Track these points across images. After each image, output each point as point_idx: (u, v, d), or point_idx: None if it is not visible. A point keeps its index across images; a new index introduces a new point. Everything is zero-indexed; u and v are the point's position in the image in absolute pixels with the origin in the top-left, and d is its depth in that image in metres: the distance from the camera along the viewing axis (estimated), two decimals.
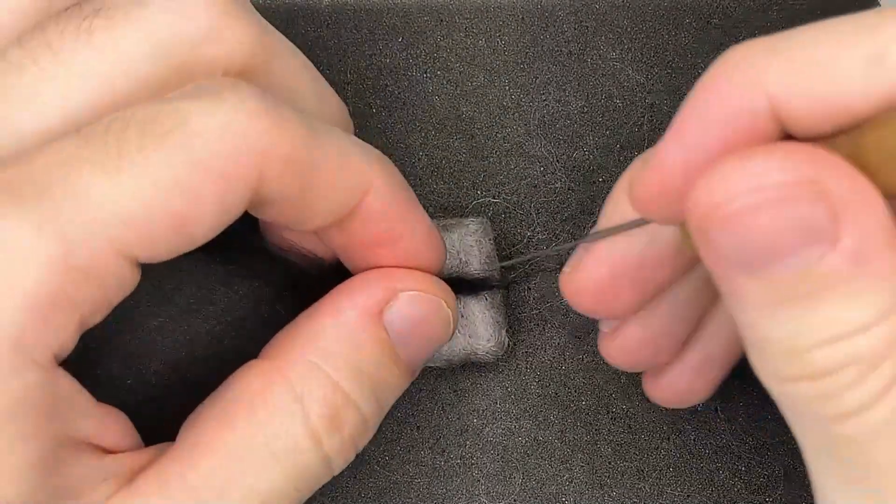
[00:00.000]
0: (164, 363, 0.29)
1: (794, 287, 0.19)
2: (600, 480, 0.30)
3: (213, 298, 0.29)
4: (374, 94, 0.31)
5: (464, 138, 0.31)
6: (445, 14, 0.31)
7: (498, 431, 0.30)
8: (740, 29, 0.31)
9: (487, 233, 0.29)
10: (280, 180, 0.22)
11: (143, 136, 0.20)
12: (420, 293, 0.25)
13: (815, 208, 0.18)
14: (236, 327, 0.29)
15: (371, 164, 0.24)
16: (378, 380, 0.25)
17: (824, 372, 0.19)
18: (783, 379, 0.20)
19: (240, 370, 0.25)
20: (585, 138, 0.31)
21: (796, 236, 0.19)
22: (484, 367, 0.30)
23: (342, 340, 0.25)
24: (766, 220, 0.19)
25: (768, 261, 0.19)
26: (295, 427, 0.24)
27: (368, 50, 0.31)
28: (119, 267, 0.21)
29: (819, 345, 0.19)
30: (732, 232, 0.19)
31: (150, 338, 0.29)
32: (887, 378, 0.19)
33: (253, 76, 0.24)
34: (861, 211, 0.19)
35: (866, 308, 0.19)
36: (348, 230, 0.25)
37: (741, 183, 0.19)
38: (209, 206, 0.21)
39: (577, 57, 0.31)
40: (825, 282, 0.19)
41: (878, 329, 0.19)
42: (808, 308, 0.19)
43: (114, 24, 0.22)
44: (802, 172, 0.18)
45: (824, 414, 0.20)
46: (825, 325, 0.19)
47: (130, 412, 0.27)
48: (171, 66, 0.22)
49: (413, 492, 0.29)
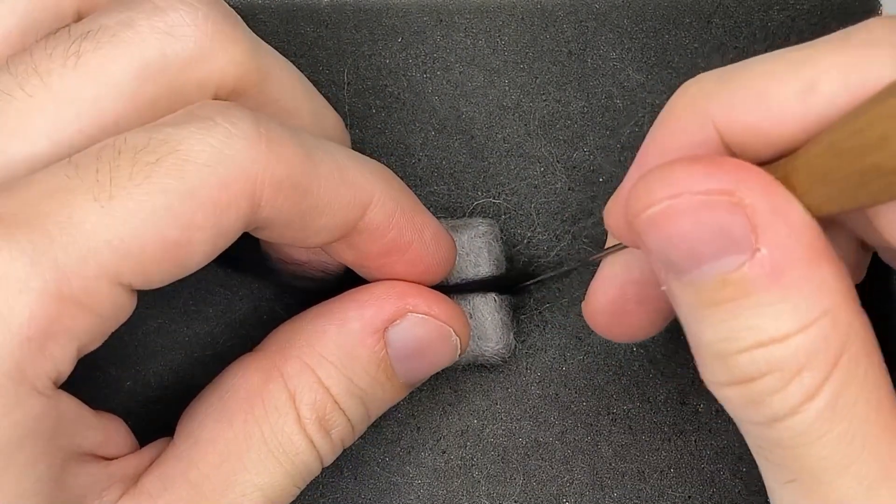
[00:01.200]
0: (163, 364, 0.29)
1: (716, 293, 0.20)
2: (601, 482, 0.29)
3: (212, 300, 0.29)
4: (374, 94, 0.31)
5: (464, 139, 0.31)
6: (445, 14, 0.31)
7: (498, 432, 0.30)
8: (741, 28, 0.31)
9: (496, 234, 0.29)
10: (275, 204, 0.22)
11: (135, 164, 0.20)
12: (429, 318, 0.26)
13: (732, 217, 0.19)
14: (235, 328, 0.29)
15: (370, 177, 0.24)
16: (369, 392, 0.25)
17: (748, 377, 0.20)
18: (717, 384, 0.21)
19: (236, 363, 0.25)
20: (586, 138, 0.31)
21: (715, 243, 0.20)
22: (485, 368, 0.30)
23: (340, 349, 0.25)
24: (685, 225, 0.20)
25: (690, 265, 0.20)
26: (289, 425, 0.24)
27: (368, 50, 0.31)
28: (114, 295, 0.21)
29: (741, 351, 0.20)
30: (658, 235, 0.20)
31: (150, 339, 0.29)
32: (808, 386, 0.20)
33: (246, 95, 0.24)
34: (780, 224, 0.19)
35: (784, 318, 0.19)
36: (355, 244, 0.25)
37: (663, 189, 0.20)
38: (203, 233, 0.21)
39: (578, 57, 0.31)
40: (744, 290, 0.20)
41: (797, 339, 0.20)
42: (730, 315, 0.20)
43: (102, 48, 0.22)
44: (721, 182, 0.19)
45: (753, 419, 0.21)
46: (746, 333, 0.20)
47: (130, 413, 0.27)
48: (162, 87, 0.22)
49: (413, 493, 0.29)
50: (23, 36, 0.23)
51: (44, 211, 0.20)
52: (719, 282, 0.20)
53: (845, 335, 0.20)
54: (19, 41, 0.23)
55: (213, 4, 0.23)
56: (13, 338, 0.19)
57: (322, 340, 0.25)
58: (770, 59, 0.21)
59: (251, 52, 0.23)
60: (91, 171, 0.20)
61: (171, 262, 0.21)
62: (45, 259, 0.20)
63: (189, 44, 0.22)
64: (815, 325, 0.20)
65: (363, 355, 0.25)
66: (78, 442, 0.22)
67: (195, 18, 0.22)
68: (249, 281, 0.29)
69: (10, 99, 0.22)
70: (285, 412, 0.24)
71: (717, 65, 0.31)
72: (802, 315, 0.20)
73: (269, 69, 0.24)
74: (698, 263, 0.20)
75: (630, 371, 0.30)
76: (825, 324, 0.20)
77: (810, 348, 0.20)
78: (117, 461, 0.24)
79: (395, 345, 0.25)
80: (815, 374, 0.20)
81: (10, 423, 0.20)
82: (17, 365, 0.19)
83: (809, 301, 0.19)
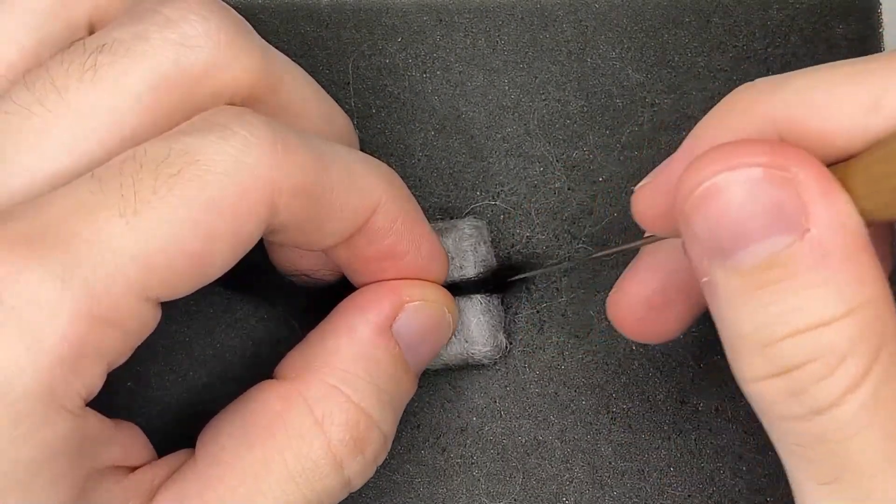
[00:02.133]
0: (164, 365, 0.29)
1: (762, 275, 0.20)
2: (601, 480, 0.30)
3: (213, 299, 0.29)
4: (374, 93, 0.31)
5: (463, 138, 0.31)
6: (445, 14, 0.31)
7: (498, 431, 0.30)
8: (741, 27, 0.31)
9: (483, 236, 0.29)
10: (291, 209, 0.22)
11: (157, 177, 0.21)
12: (424, 303, 0.26)
13: (784, 193, 0.19)
14: (235, 327, 0.29)
15: (378, 181, 0.24)
16: (393, 394, 0.26)
17: (792, 366, 0.20)
18: (755, 378, 0.21)
19: (257, 389, 0.25)
20: (585, 138, 0.31)
21: (766, 220, 0.20)
22: (483, 367, 0.30)
23: (359, 360, 0.25)
24: (739, 197, 0.20)
25: (739, 244, 0.20)
26: (314, 451, 0.24)
27: (368, 50, 0.31)
28: (141, 310, 0.21)
29: (786, 337, 0.20)
30: (707, 214, 0.20)
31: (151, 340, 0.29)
32: (853, 375, 0.19)
33: (259, 102, 0.24)
34: (830, 206, 0.20)
35: (831, 301, 0.19)
36: (355, 246, 0.25)
37: (716, 165, 0.20)
38: (225, 242, 0.21)
39: (577, 56, 0.31)
40: (792, 270, 0.20)
41: (842, 324, 0.19)
42: (775, 298, 0.20)
43: (117, 61, 0.22)
44: (775, 158, 0.20)
45: (795, 412, 0.20)
46: (791, 316, 0.20)
47: (132, 413, 0.27)
48: (177, 97, 0.22)
49: (413, 491, 0.29)
50: (37, 50, 0.23)
51: (71, 229, 0.20)
52: (767, 263, 0.20)
53: (886, 326, 0.20)
54: (34, 56, 0.23)
55: (224, 14, 0.23)
56: (45, 359, 0.19)
57: (339, 356, 0.25)
58: (833, 71, 0.21)
59: (263, 59, 0.24)
60: (115, 186, 0.20)
61: (194, 273, 0.21)
62: (76, 279, 0.20)
63: (202, 54, 0.22)
64: (859, 311, 0.19)
65: (382, 357, 0.25)
66: (101, 458, 0.23)
67: (208, 29, 0.23)
68: (248, 280, 0.29)
69: (29, 115, 0.22)
70: (310, 438, 0.24)
71: (717, 63, 0.31)
72: (848, 300, 0.19)
73: (281, 75, 0.24)
74: (747, 243, 0.20)
75: (629, 369, 0.30)
76: (868, 312, 0.20)
77: (855, 334, 0.19)
78: (135, 473, 0.24)
79: (404, 338, 0.26)
80: (859, 362, 0.19)
81: (37, 443, 0.20)
82: (48, 386, 0.20)
83: (854, 287, 0.19)
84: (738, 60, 0.31)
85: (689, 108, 0.31)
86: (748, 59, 0.31)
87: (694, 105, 0.31)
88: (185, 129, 0.22)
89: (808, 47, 0.31)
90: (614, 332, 0.30)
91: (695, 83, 0.31)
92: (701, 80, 0.31)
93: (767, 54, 0.31)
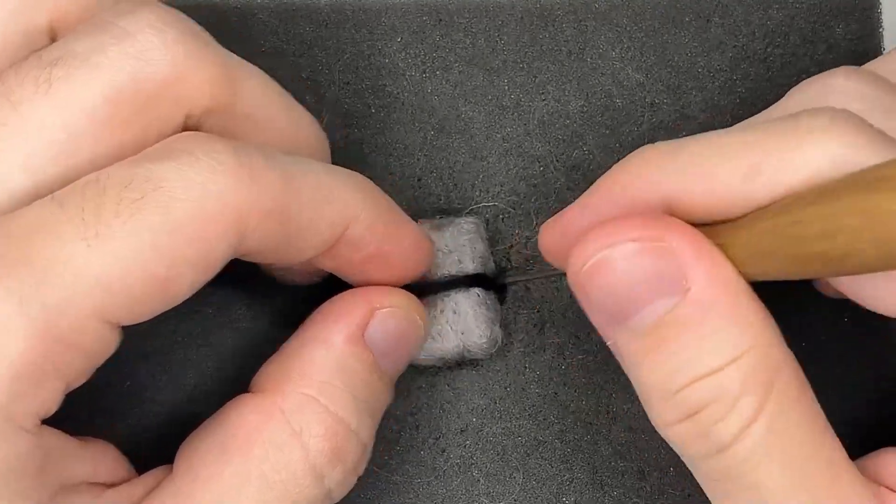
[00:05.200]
0: (158, 365, 0.29)
1: (656, 335, 0.22)
2: (601, 480, 0.30)
3: (209, 300, 0.29)
4: (373, 93, 0.31)
5: (463, 138, 0.31)
6: (444, 14, 0.31)
7: (497, 431, 0.30)
8: (741, 27, 0.31)
9: (480, 233, 0.30)
10: (260, 233, 0.22)
11: (120, 201, 0.20)
12: (394, 309, 0.26)
13: (661, 261, 0.22)
14: (231, 327, 0.29)
15: (351, 192, 0.24)
16: (370, 401, 0.26)
17: (694, 409, 0.22)
18: (667, 424, 0.23)
19: (233, 403, 0.25)
20: (585, 138, 0.31)
21: (649, 287, 0.22)
22: (482, 367, 0.30)
23: (334, 369, 0.25)
24: (622, 268, 0.22)
25: (630, 310, 0.22)
26: (293, 462, 0.24)
27: (367, 50, 0.31)
28: (101, 332, 0.21)
29: (684, 386, 0.22)
30: (597, 286, 0.22)
31: (146, 340, 0.29)
32: (747, 412, 0.22)
33: (219, 112, 0.24)
34: (704, 266, 0.22)
35: (720, 349, 0.22)
36: (337, 255, 0.25)
37: (598, 242, 0.22)
38: (188, 268, 0.21)
39: (577, 56, 0.31)
40: (680, 327, 0.22)
41: (733, 367, 0.22)
42: (671, 353, 0.22)
43: (72, 74, 0.22)
44: (651, 232, 0.22)
45: (703, 451, 0.22)
46: (687, 367, 0.22)
47: (126, 413, 0.27)
48: (135, 111, 0.22)
49: (413, 492, 0.29)
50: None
51: (31, 251, 0.20)
52: (657, 323, 0.22)
53: (774, 366, 0.22)
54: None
55: (181, 25, 0.23)
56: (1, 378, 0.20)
57: (314, 367, 0.25)
58: (718, 138, 0.23)
59: (222, 70, 0.23)
60: (77, 209, 0.20)
61: (158, 298, 0.21)
62: (34, 300, 0.20)
63: (160, 67, 0.22)
64: (747, 354, 0.22)
65: (356, 366, 0.25)
66: (66, 475, 0.23)
67: (164, 41, 0.22)
68: (244, 281, 0.29)
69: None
70: (288, 450, 0.24)
71: (716, 64, 0.31)
72: (733, 347, 0.22)
73: (242, 84, 0.24)
74: (637, 308, 0.22)
75: None
76: (755, 353, 0.22)
77: (746, 376, 0.22)
78: (113, 491, 0.24)
79: (377, 344, 0.26)
80: (751, 400, 0.22)
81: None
82: (4, 405, 0.20)
83: (739, 333, 0.22)
84: (737, 60, 0.31)
85: (689, 108, 0.31)
86: (748, 59, 0.31)
87: (693, 105, 0.31)
88: (149, 155, 0.22)
89: (807, 47, 0.31)
90: None
91: (694, 83, 0.31)
92: (700, 80, 0.31)
93: (767, 54, 0.31)
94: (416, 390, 0.30)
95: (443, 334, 0.29)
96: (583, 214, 0.25)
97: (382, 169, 0.30)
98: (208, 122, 0.24)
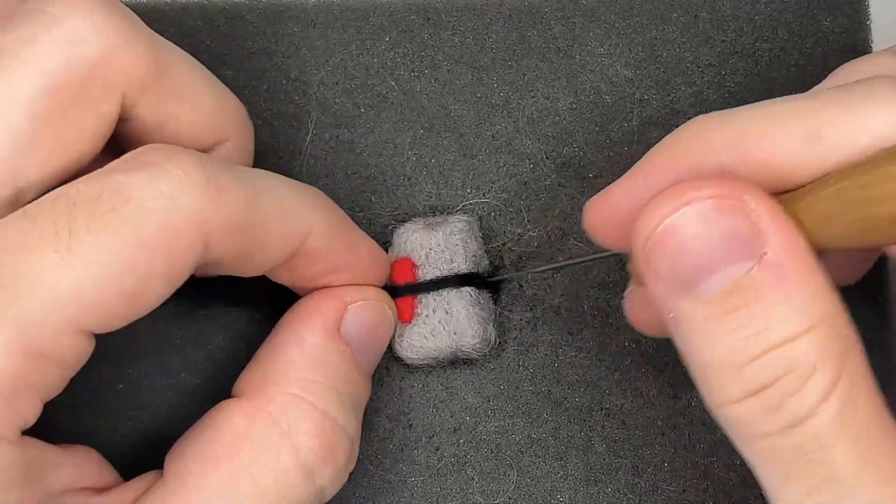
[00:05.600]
0: (155, 366, 0.29)
1: (727, 302, 0.21)
2: (595, 477, 0.30)
3: (204, 301, 0.29)
4: (362, 93, 0.31)
5: (452, 136, 0.31)
6: (432, 12, 0.31)
7: (491, 429, 0.30)
8: (728, 22, 0.31)
9: (474, 231, 0.29)
10: (223, 245, 0.22)
11: (91, 214, 0.21)
12: (365, 302, 0.27)
13: (738, 221, 0.21)
14: (228, 329, 0.29)
15: (308, 206, 0.25)
16: (352, 395, 0.26)
17: (766, 383, 0.21)
18: (730, 401, 0.21)
19: (217, 409, 0.25)
20: (575, 134, 0.31)
21: (724, 249, 0.21)
22: (476, 365, 0.30)
23: (315, 365, 0.25)
24: (696, 230, 0.21)
25: (701, 275, 0.21)
26: (283, 462, 0.24)
27: (356, 49, 0.31)
28: (76, 343, 0.21)
29: (755, 357, 0.21)
30: (667, 251, 0.21)
31: (142, 342, 0.29)
32: (823, 385, 0.20)
33: (150, 91, 0.24)
34: (780, 228, 0.21)
35: (794, 318, 0.20)
36: (294, 268, 0.25)
37: (668, 205, 0.21)
38: (158, 279, 0.21)
39: (565, 53, 0.31)
40: (755, 294, 0.21)
41: (807, 337, 0.20)
42: (743, 321, 0.21)
43: (6, 68, 0.22)
44: (724, 190, 0.21)
45: (772, 428, 0.21)
46: (760, 336, 0.21)
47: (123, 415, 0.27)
48: (70, 96, 0.22)
49: (407, 490, 0.29)
50: None
51: (5, 266, 0.20)
52: (730, 289, 0.21)
53: (847, 338, 0.21)
54: None
55: (110, 6, 0.23)
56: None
57: (295, 366, 0.25)
58: (773, 105, 0.22)
59: (151, 49, 0.24)
60: (48, 224, 0.21)
61: (128, 309, 0.21)
62: (9, 315, 0.20)
63: (91, 49, 0.22)
64: (820, 325, 0.20)
65: (335, 360, 0.26)
66: (49, 483, 0.23)
67: (94, 22, 0.23)
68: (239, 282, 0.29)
69: None
70: (277, 450, 0.24)
71: (705, 59, 0.31)
72: (809, 316, 0.20)
73: (169, 64, 0.24)
74: (709, 273, 0.21)
75: (622, 366, 0.30)
76: (830, 325, 0.21)
77: (820, 347, 0.20)
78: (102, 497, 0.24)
79: (353, 338, 0.26)
80: (827, 372, 0.20)
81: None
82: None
83: (814, 303, 0.21)
84: (725, 55, 0.31)
85: (678, 103, 0.31)
86: (736, 54, 0.31)
87: (683, 100, 0.31)
88: (117, 167, 0.22)
89: (795, 41, 0.31)
90: (608, 329, 0.30)
91: (683, 78, 0.31)
92: (689, 76, 0.31)
93: (755, 49, 0.31)
94: (410, 389, 0.30)
95: (435, 334, 0.29)
96: (633, 189, 0.24)
97: (373, 168, 0.30)
98: (141, 102, 0.24)
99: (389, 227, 0.30)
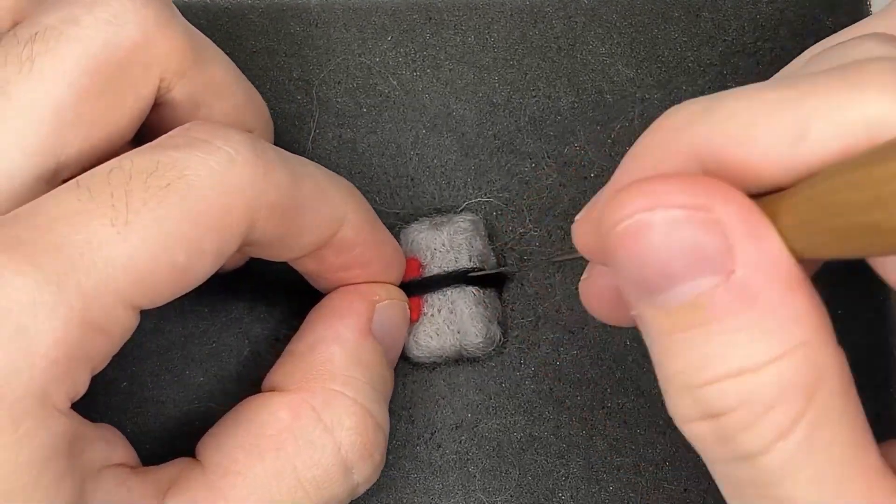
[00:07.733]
0: (158, 364, 0.29)
1: (687, 317, 0.19)
2: (596, 475, 0.30)
3: (207, 299, 0.29)
4: (364, 92, 0.31)
5: (454, 136, 0.31)
6: (434, 12, 0.31)
7: (493, 427, 0.30)
8: (730, 21, 0.31)
9: (479, 230, 0.30)
10: (267, 224, 0.23)
11: (147, 189, 0.21)
12: (391, 301, 0.27)
13: (707, 235, 0.18)
14: (230, 327, 0.29)
15: (344, 196, 0.25)
16: (384, 391, 0.26)
17: (717, 411, 0.19)
18: (685, 419, 0.20)
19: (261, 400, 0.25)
20: (576, 134, 0.31)
21: (689, 262, 0.18)
22: (478, 363, 0.30)
23: (354, 363, 0.26)
24: (658, 239, 0.18)
25: (663, 285, 0.19)
26: (325, 458, 0.24)
27: (358, 49, 0.31)
28: (126, 317, 0.21)
29: (711, 382, 0.19)
30: (630, 251, 0.19)
31: (145, 340, 0.29)
32: (781, 422, 0.18)
33: (186, 76, 0.24)
34: (756, 247, 0.18)
35: (759, 346, 0.18)
36: (322, 258, 0.26)
37: (636, 203, 0.19)
38: (207, 256, 0.22)
39: (567, 52, 0.31)
40: (716, 314, 0.18)
41: (769, 370, 0.18)
42: (700, 341, 0.19)
43: (53, 48, 0.22)
44: (698, 198, 0.18)
45: (724, 457, 0.19)
46: (716, 361, 0.19)
47: (127, 414, 0.27)
48: (110, 76, 0.23)
49: (409, 487, 0.29)
50: None
51: (63, 236, 0.20)
52: (691, 304, 0.19)
53: (820, 370, 0.19)
54: None
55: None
56: (41, 362, 0.20)
57: (335, 363, 0.25)
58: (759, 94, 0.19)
59: (188, 36, 0.24)
60: (105, 196, 0.21)
61: (176, 285, 0.22)
62: (70, 285, 0.20)
63: (132, 31, 0.23)
64: (788, 356, 0.18)
65: (370, 357, 0.26)
66: (90, 457, 0.23)
67: (134, 6, 0.23)
68: (243, 279, 0.29)
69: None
70: (321, 445, 0.24)
71: (706, 58, 0.31)
72: (776, 345, 0.18)
73: (206, 55, 0.25)
74: (671, 283, 0.19)
75: (624, 365, 0.30)
76: (799, 356, 0.18)
77: (783, 381, 0.18)
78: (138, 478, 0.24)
79: (382, 336, 0.27)
80: (788, 408, 0.18)
81: (38, 444, 0.20)
82: (43, 388, 0.20)
83: (784, 331, 0.18)
84: (727, 54, 0.31)
85: (679, 102, 0.31)
86: (738, 53, 0.31)
87: (684, 99, 0.30)
88: (167, 143, 0.22)
89: (797, 40, 0.31)
90: (609, 327, 0.30)
91: (684, 78, 0.31)
92: (691, 75, 0.31)
93: (757, 48, 0.31)
94: (412, 385, 0.30)
95: (440, 333, 0.29)
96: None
97: (375, 168, 0.30)
98: (177, 87, 0.24)
99: (396, 228, 0.30)
